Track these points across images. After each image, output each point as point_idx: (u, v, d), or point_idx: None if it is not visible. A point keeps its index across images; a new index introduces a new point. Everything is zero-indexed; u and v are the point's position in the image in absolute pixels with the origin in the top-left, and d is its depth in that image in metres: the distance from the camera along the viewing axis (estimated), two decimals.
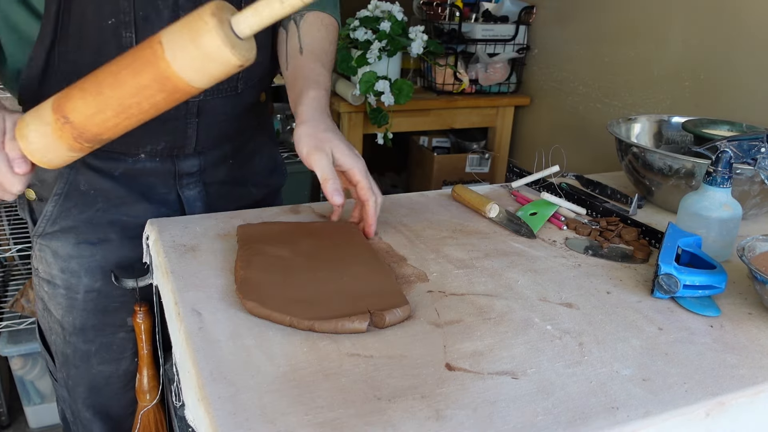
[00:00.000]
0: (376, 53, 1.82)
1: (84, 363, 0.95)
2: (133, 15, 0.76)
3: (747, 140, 0.90)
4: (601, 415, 0.53)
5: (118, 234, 0.91)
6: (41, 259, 0.93)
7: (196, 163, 0.94)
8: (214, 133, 0.92)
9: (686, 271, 0.71)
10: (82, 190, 0.88)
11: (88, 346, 0.94)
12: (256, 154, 1.04)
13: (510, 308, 0.69)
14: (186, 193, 0.95)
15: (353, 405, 0.52)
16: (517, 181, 1.09)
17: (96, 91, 0.62)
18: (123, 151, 0.88)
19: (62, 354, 0.96)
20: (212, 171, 0.96)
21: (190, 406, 0.60)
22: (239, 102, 0.92)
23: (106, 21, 0.76)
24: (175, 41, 0.59)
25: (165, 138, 0.88)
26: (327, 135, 0.79)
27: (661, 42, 1.55)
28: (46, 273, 0.93)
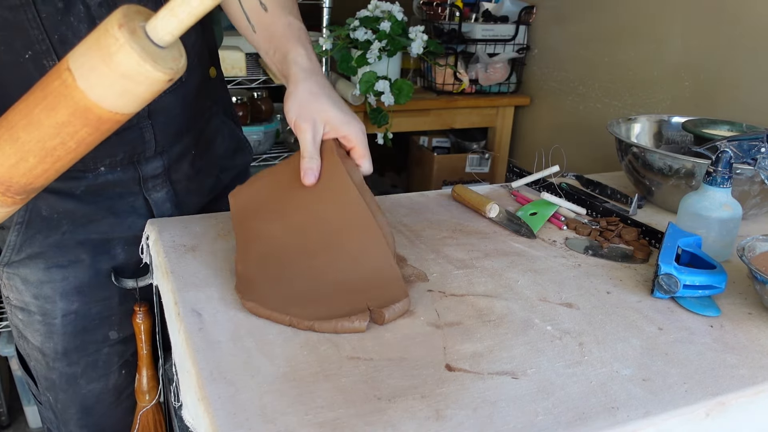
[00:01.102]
0: (376, 53, 1.82)
1: (71, 386, 0.92)
2: (48, 41, 0.70)
3: (747, 140, 0.90)
4: (601, 415, 0.53)
5: (89, 253, 0.87)
6: (11, 287, 0.88)
7: (160, 164, 0.89)
8: (172, 129, 0.87)
9: (686, 271, 0.71)
10: (44, 215, 0.84)
11: (74, 369, 0.90)
12: (217, 135, 0.98)
13: (510, 309, 0.69)
14: (153, 196, 0.90)
15: (353, 405, 0.52)
16: (517, 181, 1.09)
17: (10, 137, 0.54)
18: (82, 169, 0.82)
19: (46, 379, 0.92)
20: (177, 168, 0.92)
21: (189, 406, 0.60)
22: (188, 89, 0.86)
23: (23, 56, 0.70)
24: (85, 65, 0.49)
25: (123, 148, 0.83)
26: (317, 102, 0.73)
27: (661, 42, 1.55)
28: (18, 300, 0.89)
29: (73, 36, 0.71)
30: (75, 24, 0.71)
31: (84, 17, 0.72)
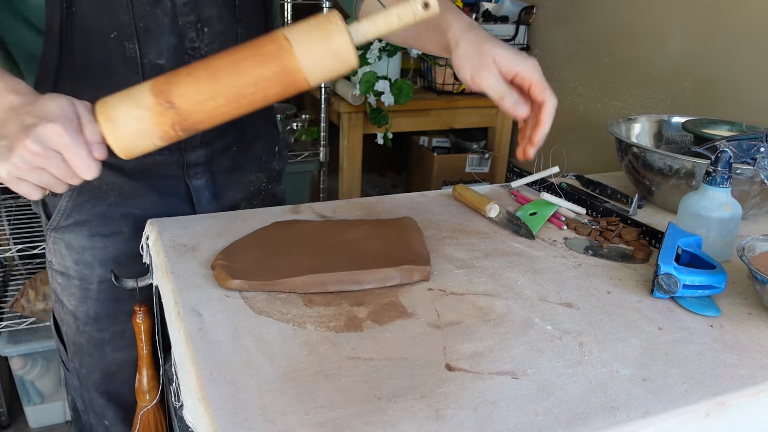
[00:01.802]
0: (376, 53, 1.82)
1: (98, 351, 0.97)
2: (134, 26, 0.78)
3: (746, 140, 0.90)
4: (601, 415, 0.53)
5: (129, 226, 0.93)
6: (55, 251, 0.94)
7: (203, 153, 0.95)
8: (219, 126, 0.92)
9: (686, 271, 0.71)
10: (94, 185, 0.89)
11: (102, 335, 0.96)
12: (258, 138, 1.04)
13: (510, 308, 0.69)
14: (194, 182, 0.96)
15: (353, 405, 0.52)
16: (517, 181, 1.09)
17: (211, 78, 0.63)
18: None
19: (75, 343, 0.98)
20: (218, 160, 0.98)
21: (189, 406, 0.60)
22: None
23: (108, 35, 0.78)
24: (303, 39, 0.62)
25: None
26: (485, 47, 0.73)
27: (661, 42, 1.55)
28: (59, 265, 0.95)
29: (155, 26, 0.80)
30: (160, 17, 0.80)
31: (168, 12, 0.80)
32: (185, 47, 0.83)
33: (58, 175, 0.61)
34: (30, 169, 0.59)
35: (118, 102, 0.64)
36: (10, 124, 0.60)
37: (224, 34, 0.86)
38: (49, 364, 1.69)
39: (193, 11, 0.82)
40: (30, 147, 0.58)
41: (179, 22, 0.81)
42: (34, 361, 1.68)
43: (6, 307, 1.65)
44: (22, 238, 1.72)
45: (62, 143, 0.59)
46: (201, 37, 0.84)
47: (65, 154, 0.60)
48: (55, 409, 1.74)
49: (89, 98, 0.78)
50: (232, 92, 0.63)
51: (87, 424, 1.03)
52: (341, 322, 0.65)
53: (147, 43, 0.80)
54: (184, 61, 0.83)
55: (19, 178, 0.60)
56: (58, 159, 0.60)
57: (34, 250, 1.63)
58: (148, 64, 0.81)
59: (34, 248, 1.63)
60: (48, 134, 0.58)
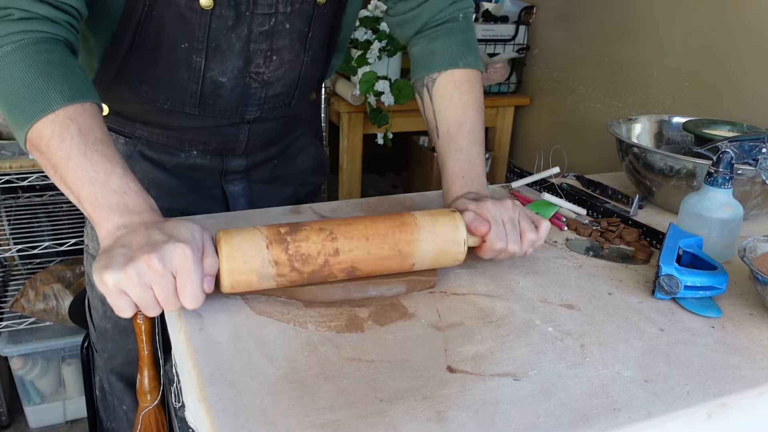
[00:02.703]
0: (376, 53, 1.82)
1: (122, 338, 0.99)
2: (206, 44, 0.80)
3: (748, 140, 0.90)
4: (603, 416, 0.53)
5: None
6: (92, 236, 0.97)
7: (243, 162, 0.97)
8: (264, 138, 0.96)
9: (687, 271, 0.71)
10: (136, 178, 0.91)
11: (127, 323, 0.96)
12: (301, 153, 1.06)
13: (511, 310, 0.69)
14: (231, 188, 0.98)
15: (354, 406, 0.52)
16: (517, 181, 1.09)
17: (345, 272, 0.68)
18: (178, 147, 0.92)
19: (102, 328, 1.00)
20: (257, 170, 1.00)
21: (190, 408, 0.60)
22: (292, 112, 0.96)
23: (180, 45, 0.80)
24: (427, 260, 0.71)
25: (217, 140, 0.92)
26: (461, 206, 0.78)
27: (661, 42, 1.55)
28: (94, 250, 0.97)
29: (226, 48, 0.81)
30: (233, 41, 0.81)
31: (242, 38, 0.81)
32: (249, 71, 0.84)
33: (161, 297, 0.59)
34: (138, 284, 0.57)
35: (240, 242, 0.63)
36: (135, 236, 0.59)
37: (290, 63, 0.87)
38: (49, 364, 1.68)
39: (267, 40, 0.82)
40: (152, 261, 0.56)
41: (250, 49, 0.82)
42: (34, 361, 1.68)
43: (6, 307, 1.65)
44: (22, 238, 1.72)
45: (184, 267, 0.58)
46: (267, 64, 0.85)
47: (180, 279, 0.58)
48: (55, 409, 1.74)
49: (148, 89, 0.85)
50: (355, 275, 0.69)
51: (111, 406, 1.06)
52: (342, 322, 0.65)
53: (214, 60, 0.82)
54: (245, 82, 0.85)
55: (123, 291, 0.58)
56: (169, 281, 0.58)
57: (34, 250, 1.63)
58: (209, 78, 0.83)
59: (34, 248, 1.63)
60: (175, 254, 0.57)
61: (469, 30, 0.92)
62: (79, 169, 0.62)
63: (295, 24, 0.83)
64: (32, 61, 0.64)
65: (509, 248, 0.73)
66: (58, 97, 0.63)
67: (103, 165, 0.62)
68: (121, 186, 0.62)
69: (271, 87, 0.88)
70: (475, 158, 0.85)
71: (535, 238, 0.74)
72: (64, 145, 0.62)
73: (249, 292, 0.67)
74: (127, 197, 0.62)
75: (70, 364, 1.70)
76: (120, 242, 0.59)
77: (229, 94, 0.86)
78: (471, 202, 0.75)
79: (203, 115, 0.88)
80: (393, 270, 0.70)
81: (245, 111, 0.89)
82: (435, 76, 0.89)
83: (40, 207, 1.93)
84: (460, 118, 0.87)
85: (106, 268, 0.57)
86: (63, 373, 1.70)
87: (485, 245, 0.73)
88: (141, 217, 0.62)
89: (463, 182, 0.83)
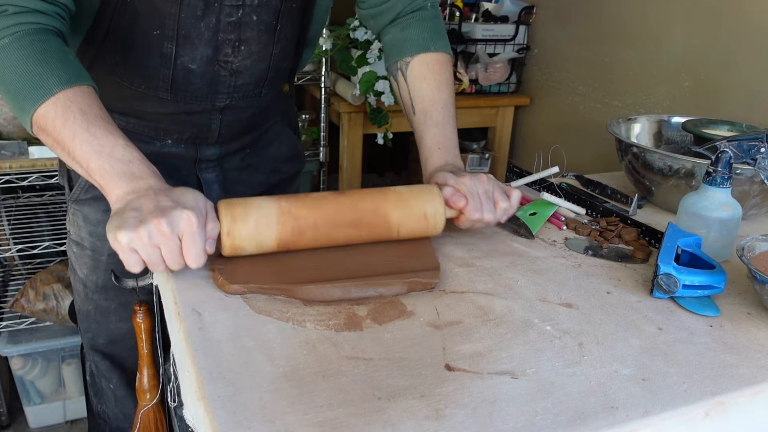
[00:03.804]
0: (376, 53, 1.82)
1: (104, 318, 1.03)
2: (176, 32, 0.84)
3: (747, 140, 0.90)
4: (601, 414, 0.53)
5: None
6: (73, 222, 1.00)
7: (216, 151, 1.01)
8: (236, 127, 1.00)
9: (685, 271, 0.71)
10: None
11: (108, 304, 1.02)
12: (273, 142, 1.10)
13: (510, 309, 0.69)
14: (204, 176, 1.02)
15: (353, 404, 0.52)
16: (517, 181, 1.09)
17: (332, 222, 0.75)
18: (153, 136, 0.96)
19: (84, 311, 1.04)
20: (229, 158, 1.04)
21: (189, 406, 0.60)
22: (263, 101, 0.99)
23: (152, 32, 0.84)
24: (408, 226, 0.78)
25: (191, 129, 0.96)
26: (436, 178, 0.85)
27: (661, 42, 1.55)
28: (76, 235, 1.00)
29: (195, 37, 0.85)
30: (202, 30, 0.85)
31: (211, 28, 0.85)
32: (218, 59, 0.88)
33: (168, 257, 0.65)
34: (148, 245, 0.63)
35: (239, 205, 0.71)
36: (145, 200, 0.65)
37: (259, 53, 0.90)
38: (49, 364, 1.69)
39: (235, 31, 0.86)
40: (161, 225, 0.63)
41: (219, 38, 0.86)
42: (34, 361, 1.68)
43: (6, 307, 1.65)
44: (22, 238, 1.72)
45: (189, 231, 0.64)
46: (235, 53, 0.88)
47: (185, 241, 0.65)
48: (55, 409, 1.74)
49: (124, 73, 0.88)
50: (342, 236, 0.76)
51: (100, 387, 1.09)
52: (341, 320, 0.65)
53: (184, 48, 0.85)
54: (214, 70, 0.89)
55: (134, 249, 0.64)
56: (176, 244, 0.65)
57: (34, 250, 1.63)
58: (180, 65, 0.87)
59: (34, 248, 1.63)
60: (181, 219, 0.64)
61: (437, 17, 0.99)
62: (85, 144, 0.68)
63: (262, 17, 0.87)
64: (29, 51, 0.69)
65: (485, 217, 0.80)
66: (57, 82, 0.68)
67: (106, 138, 0.68)
68: (126, 155, 0.68)
69: (240, 76, 0.91)
70: (450, 132, 0.91)
71: (507, 206, 0.81)
72: (68, 124, 0.68)
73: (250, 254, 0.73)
74: (132, 165, 0.68)
75: (70, 364, 1.70)
76: (131, 206, 0.65)
77: (199, 80, 0.89)
78: (450, 176, 0.81)
79: (175, 101, 0.91)
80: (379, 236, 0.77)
81: (215, 98, 0.92)
82: (408, 59, 0.95)
83: (40, 207, 1.93)
84: (434, 96, 0.93)
85: (120, 228, 0.63)
86: (63, 373, 1.70)
87: (462, 216, 0.81)
88: (147, 182, 0.68)
89: (439, 154, 0.89)
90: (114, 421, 1.10)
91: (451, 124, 0.92)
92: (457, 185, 0.80)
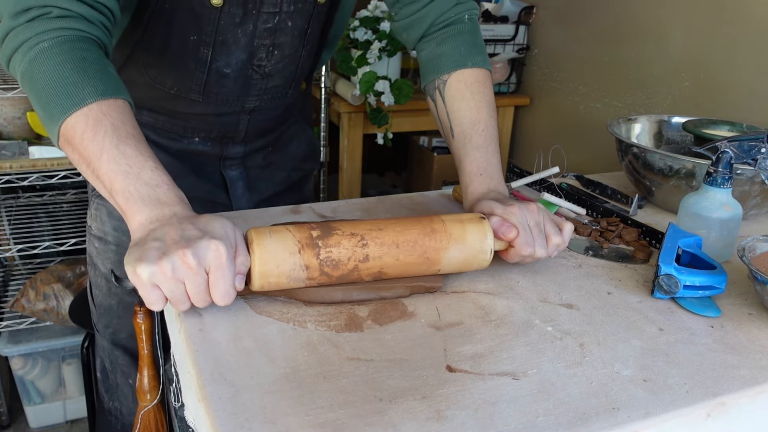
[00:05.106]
0: (376, 53, 1.82)
1: (126, 313, 1.01)
2: (214, 38, 0.85)
3: (747, 140, 0.90)
4: (602, 415, 0.53)
5: None
6: (96, 217, 1.00)
7: (241, 150, 1.03)
8: (261, 127, 1.02)
9: (686, 271, 0.71)
10: None
11: (131, 299, 0.99)
12: (294, 140, 1.11)
13: (510, 309, 0.69)
14: (229, 173, 1.04)
15: (354, 406, 0.52)
16: (517, 181, 1.09)
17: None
18: (181, 133, 0.98)
19: (106, 306, 1.03)
20: (253, 156, 1.06)
21: (190, 407, 0.60)
22: (288, 101, 1.02)
23: (189, 37, 0.85)
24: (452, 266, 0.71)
25: (219, 128, 0.98)
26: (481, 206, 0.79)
27: (661, 42, 1.55)
28: (99, 230, 1.00)
29: (232, 43, 0.86)
30: (239, 36, 0.86)
31: (248, 34, 0.86)
32: (252, 63, 0.89)
33: (193, 293, 0.59)
34: (171, 279, 0.58)
35: (272, 244, 0.64)
36: (169, 229, 0.60)
37: (290, 57, 0.92)
38: (49, 364, 1.69)
39: (270, 36, 0.87)
40: (187, 257, 0.57)
41: (254, 44, 0.87)
42: (34, 361, 1.68)
43: (6, 307, 1.65)
44: (22, 238, 1.72)
45: (217, 264, 0.58)
46: (269, 58, 0.90)
47: (213, 276, 0.59)
48: (55, 409, 1.74)
49: (157, 75, 0.89)
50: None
51: (114, 384, 1.08)
52: (342, 321, 0.65)
53: (220, 53, 0.87)
54: (247, 74, 0.90)
55: (156, 284, 0.58)
56: (202, 278, 0.59)
57: (34, 250, 1.63)
58: (214, 69, 0.88)
59: (34, 248, 1.63)
60: (209, 251, 0.58)
61: (476, 31, 0.93)
62: (112, 162, 0.62)
63: (296, 22, 0.88)
64: (68, 57, 0.65)
65: (536, 253, 0.73)
66: (93, 92, 0.64)
67: (135, 158, 0.63)
68: (154, 179, 0.63)
69: (271, 79, 0.93)
70: (491, 156, 0.85)
71: (561, 241, 0.74)
72: (97, 138, 0.63)
73: (276, 293, 0.68)
74: (159, 190, 0.63)
75: (70, 364, 1.70)
76: (153, 235, 0.60)
77: (232, 84, 0.91)
78: (497, 206, 0.75)
79: (206, 102, 0.92)
80: (418, 274, 0.71)
81: (246, 100, 0.94)
82: (445, 77, 0.89)
83: (40, 207, 1.94)
84: (474, 117, 0.87)
85: (140, 260, 0.58)
86: (63, 373, 1.70)
87: (512, 250, 0.73)
88: (172, 209, 0.62)
89: (481, 180, 0.83)
90: (128, 417, 1.09)
91: (494, 148, 0.86)
92: (506, 215, 0.73)
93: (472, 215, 0.73)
